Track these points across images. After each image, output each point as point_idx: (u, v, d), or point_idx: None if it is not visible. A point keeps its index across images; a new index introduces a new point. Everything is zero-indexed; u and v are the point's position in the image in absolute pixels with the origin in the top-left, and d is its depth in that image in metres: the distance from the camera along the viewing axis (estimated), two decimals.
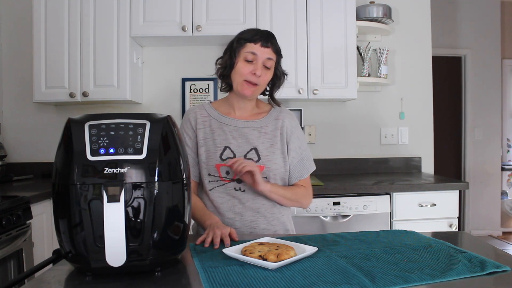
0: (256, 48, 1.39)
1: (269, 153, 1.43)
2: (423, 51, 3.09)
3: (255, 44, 1.40)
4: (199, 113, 1.49)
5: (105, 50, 2.60)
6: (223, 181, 1.42)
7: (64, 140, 0.92)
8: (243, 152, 1.42)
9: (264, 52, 1.40)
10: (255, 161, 1.41)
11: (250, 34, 1.42)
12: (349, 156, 3.03)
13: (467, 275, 0.88)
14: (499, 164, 5.00)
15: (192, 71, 2.97)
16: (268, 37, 1.42)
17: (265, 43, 1.40)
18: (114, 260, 0.85)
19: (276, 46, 1.44)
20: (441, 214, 2.43)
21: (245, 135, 1.44)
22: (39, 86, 2.62)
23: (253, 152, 1.42)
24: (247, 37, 1.42)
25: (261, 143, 1.44)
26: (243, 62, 1.40)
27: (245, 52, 1.40)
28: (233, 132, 1.44)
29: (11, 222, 1.82)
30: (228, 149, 1.42)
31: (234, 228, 1.40)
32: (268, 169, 1.42)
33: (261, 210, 1.42)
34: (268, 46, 1.40)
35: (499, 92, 4.97)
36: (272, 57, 1.42)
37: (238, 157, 1.41)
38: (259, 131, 1.46)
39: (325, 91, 2.68)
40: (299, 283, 0.84)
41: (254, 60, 1.40)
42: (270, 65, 1.42)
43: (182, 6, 2.61)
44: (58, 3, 2.60)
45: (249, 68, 1.39)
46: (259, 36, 1.41)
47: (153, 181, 0.89)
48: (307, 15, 2.67)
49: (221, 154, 1.42)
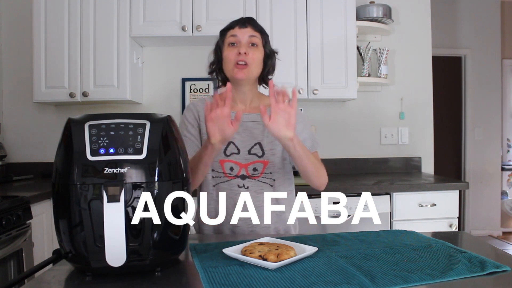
0: (235, 31, 1.41)
1: (272, 147, 1.42)
2: (423, 51, 3.09)
3: (233, 29, 1.42)
4: (201, 107, 1.48)
5: (105, 50, 2.60)
6: (226, 178, 1.41)
7: (64, 140, 0.92)
8: (247, 147, 1.41)
9: (243, 32, 1.40)
10: (259, 156, 1.40)
11: (229, 24, 1.45)
12: (349, 156, 3.03)
13: (467, 275, 0.88)
14: (499, 164, 5.00)
15: (192, 71, 2.97)
16: (246, 19, 1.44)
17: (243, 24, 1.41)
18: (114, 260, 0.85)
19: (257, 26, 1.44)
20: (441, 214, 2.43)
21: (249, 129, 1.43)
22: (39, 86, 2.62)
23: (257, 147, 1.41)
24: (226, 27, 1.45)
25: (266, 136, 1.43)
26: (227, 48, 1.41)
27: (227, 39, 1.42)
28: None
29: (11, 222, 1.82)
30: (232, 144, 1.41)
31: (235, 226, 1.40)
32: (272, 163, 1.41)
33: (263, 208, 1.41)
34: (247, 26, 1.41)
35: (499, 92, 4.97)
36: (254, 34, 1.41)
37: (242, 152, 1.40)
38: (263, 125, 1.45)
39: (325, 91, 2.68)
40: (299, 283, 0.84)
41: (236, 42, 1.40)
42: (256, 42, 1.41)
43: (182, 6, 2.61)
44: (58, 3, 2.60)
45: (234, 51, 1.39)
46: (236, 21, 1.43)
47: (153, 181, 0.89)
48: (307, 15, 2.67)
49: (225, 150, 1.41)
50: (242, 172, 1.39)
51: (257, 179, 1.41)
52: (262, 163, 1.40)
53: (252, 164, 1.40)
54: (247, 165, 1.39)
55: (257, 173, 1.40)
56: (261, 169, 1.40)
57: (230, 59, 1.39)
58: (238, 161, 1.40)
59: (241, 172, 1.39)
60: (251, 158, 1.40)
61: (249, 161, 1.40)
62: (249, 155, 1.40)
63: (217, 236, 1.41)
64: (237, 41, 1.40)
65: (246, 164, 1.39)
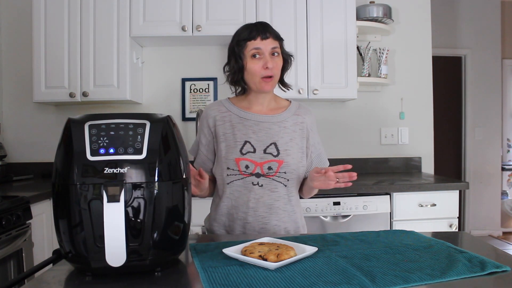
0: (257, 43, 1.41)
1: (287, 148, 1.45)
2: (423, 51, 3.09)
3: (255, 40, 1.41)
4: (217, 110, 1.50)
5: (105, 50, 2.60)
6: (242, 175, 1.42)
7: (64, 140, 0.92)
8: (263, 146, 1.43)
9: (266, 44, 1.42)
10: (274, 155, 1.43)
11: (246, 32, 1.43)
12: (349, 156, 3.03)
13: (467, 275, 0.88)
14: (499, 164, 5.00)
15: (192, 71, 2.97)
16: (264, 28, 1.44)
17: (264, 35, 1.42)
18: (114, 260, 0.85)
19: (275, 33, 1.46)
20: (441, 214, 2.43)
21: (265, 129, 1.45)
22: (39, 86, 2.62)
23: (273, 147, 1.43)
24: (245, 36, 1.43)
25: (281, 137, 1.45)
26: (251, 61, 1.42)
27: (249, 51, 1.42)
28: (253, 127, 1.45)
29: (11, 222, 1.82)
30: (248, 144, 1.43)
31: (246, 222, 1.43)
32: (287, 163, 1.43)
33: (274, 207, 1.43)
34: (268, 37, 1.42)
35: (499, 92, 4.97)
36: (275, 45, 1.44)
37: (257, 151, 1.42)
38: (279, 126, 1.47)
39: (325, 91, 2.68)
40: (299, 283, 0.84)
41: (260, 54, 1.41)
42: (277, 51, 1.44)
43: (182, 6, 2.61)
44: (58, 3, 2.60)
45: (260, 64, 1.41)
46: (255, 31, 1.42)
47: (153, 181, 0.89)
48: (307, 15, 2.67)
49: (241, 148, 1.43)
50: (257, 170, 1.41)
51: (272, 177, 1.43)
52: (277, 162, 1.42)
53: (267, 163, 1.42)
54: (262, 164, 1.42)
55: (271, 172, 1.42)
56: (276, 168, 1.42)
57: (256, 72, 1.42)
58: (254, 160, 1.42)
59: (256, 170, 1.41)
60: (266, 157, 1.42)
61: (264, 160, 1.42)
62: (264, 154, 1.42)
63: (217, 236, 1.41)
64: (261, 53, 1.42)
65: (261, 162, 1.42)
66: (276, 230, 1.43)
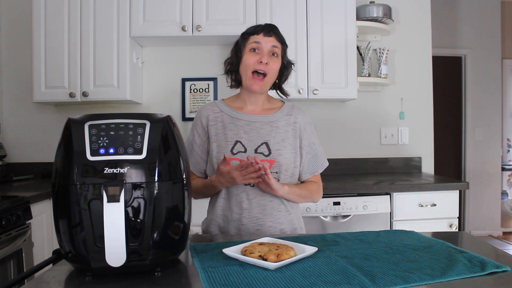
0: (259, 37, 1.43)
1: (280, 147, 1.44)
2: (423, 51, 3.09)
3: (258, 34, 1.44)
4: (210, 110, 1.51)
5: (105, 50, 2.60)
6: None
7: (64, 140, 0.92)
8: (254, 146, 1.43)
9: (267, 41, 1.43)
10: (266, 155, 1.42)
11: (252, 27, 1.47)
12: (349, 156, 3.03)
13: (467, 275, 0.88)
14: (499, 164, 5.00)
15: (192, 71, 2.97)
16: (270, 27, 1.46)
17: (267, 32, 1.44)
18: (114, 260, 0.85)
19: (280, 36, 1.47)
20: (441, 214, 2.43)
21: (256, 129, 1.45)
22: (39, 86, 2.62)
23: (264, 146, 1.43)
24: (249, 31, 1.46)
25: (273, 137, 1.45)
26: (249, 53, 1.43)
27: (249, 44, 1.44)
28: (244, 127, 1.45)
29: (11, 222, 1.82)
30: (239, 143, 1.43)
31: (240, 224, 1.41)
32: (279, 163, 1.42)
33: (268, 207, 1.42)
34: (271, 35, 1.44)
35: (499, 92, 4.97)
36: (276, 45, 1.45)
37: (248, 151, 1.41)
38: (271, 126, 1.47)
39: (325, 91, 2.68)
40: (299, 283, 0.84)
41: (258, 49, 1.43)
42: (277, 52, 1.45)
43: (182, 6, 2.61)
44: (58, 3, 2.60)
45: (255, 58, 1.42)
46: (261, 27, 1.45)
47: (153, 181, 0.89)
48: (307, 15, 2.67)
49: (232, 148, 1.42)
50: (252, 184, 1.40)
51: None
52: (268, 162, 1.40)
53: None
54: None
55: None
56: None
57: (250, 64, 1.42)
58: (244, 160, 1.40)
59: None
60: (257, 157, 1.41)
61: None
62: (255, 153, 1.42)
63: (217, 236, 1.41)
64: (260, 48, 1.43)
65: None
66: (272, 232, 1.42)
